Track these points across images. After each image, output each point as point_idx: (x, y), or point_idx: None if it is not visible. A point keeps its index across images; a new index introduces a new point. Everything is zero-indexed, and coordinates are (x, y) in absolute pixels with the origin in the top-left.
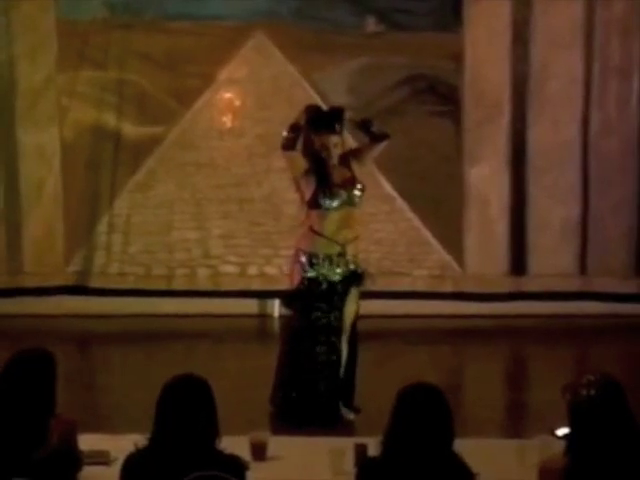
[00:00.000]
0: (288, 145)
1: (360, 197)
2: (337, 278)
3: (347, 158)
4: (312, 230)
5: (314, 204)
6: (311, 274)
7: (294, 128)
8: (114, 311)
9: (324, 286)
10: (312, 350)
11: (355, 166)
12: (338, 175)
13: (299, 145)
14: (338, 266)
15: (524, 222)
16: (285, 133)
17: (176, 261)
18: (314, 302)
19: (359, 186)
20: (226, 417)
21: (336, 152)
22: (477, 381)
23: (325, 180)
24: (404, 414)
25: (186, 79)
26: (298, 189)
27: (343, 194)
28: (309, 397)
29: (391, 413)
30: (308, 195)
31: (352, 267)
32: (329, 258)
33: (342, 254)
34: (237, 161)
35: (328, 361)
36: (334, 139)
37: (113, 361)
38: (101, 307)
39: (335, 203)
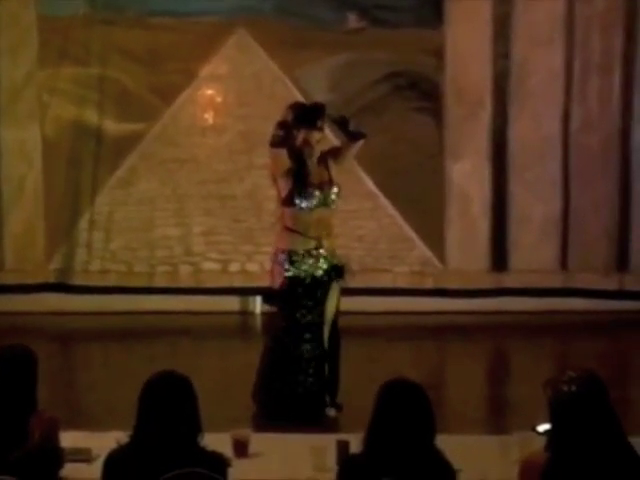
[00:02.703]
0: (277, 142)
1: (335, 200)
2: (320, 273)
3: (325, 158)
4: (287, 228)
5: (289, 203)
6: (293, 272)
7: (283, 125)
8: (95, 308)
9: (307, 281)
10: (298, 348)
11: (333, 166)
12: (316, 176)
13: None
14: (319, 260)
15: (505, 218)
16: (274, 130)
17: (158, 258)
18: (298, 301)
19: (335, 189)
20: (208, 414)
21: (318, 148)
22: (459, 377)
23: (302, 180)
24: (385, 411)
25: (167, 75)
26: (276, 186)
27: (319, 195)
28: (297, 394)
29: (372, 410)
30: (284, 193)
31: (334, 261)
32: (309, 253)
33: (319, 247)
34: (219, 158)
35: (314, 357)
36: (316, 135)
37: (94, 358)
38: (82, 304)
39: (310, 204)
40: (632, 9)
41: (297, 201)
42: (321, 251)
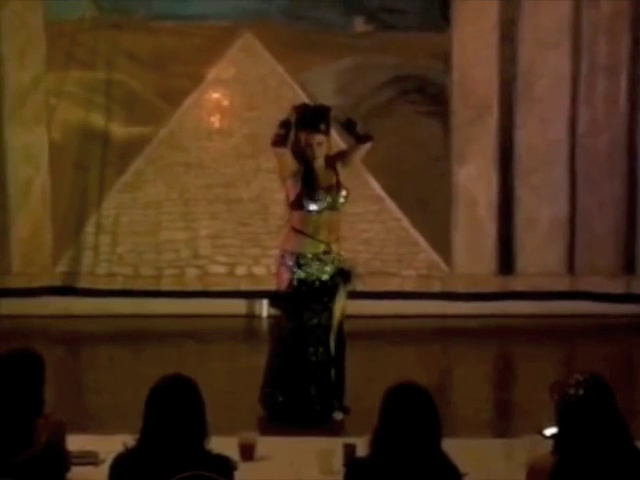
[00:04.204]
0: (278, 141)
1: (343, 203)
2: (326, 277)
3: (333, 162)
4: (296, 230)
5: (297, 205)
6: (300, 275)
7: (285, 124)
8: (102, 311)
9: (316, 285)
10: (304, 351)
11: (341, 169)
12: (324, 179)
13: (289, 142)
14: (326, 264)
15: (512, 221)
16: (275, 129)
17: (164, 261)
18: (305, 303)
19: (344, 192)
20: (214, 417)
21: (321, 151)
22: (465, 381)
23: (311, 183)
24: (391, 414)
25: (174, 79)
26: (284, 188)
27: (327, 198)
28: (302, 399)
29: (379, 413)
30: (292, 196)
31: (340, 265)
32: (317, 257)
33: (328, 252)
34: (225, 161)
35: (320, 361)
36: (318, 138)
37: (101, 361)
38: (89, 307)
39: (318, 207)
40: (638, 12)
41: (305, 203)
42: (329, 256)
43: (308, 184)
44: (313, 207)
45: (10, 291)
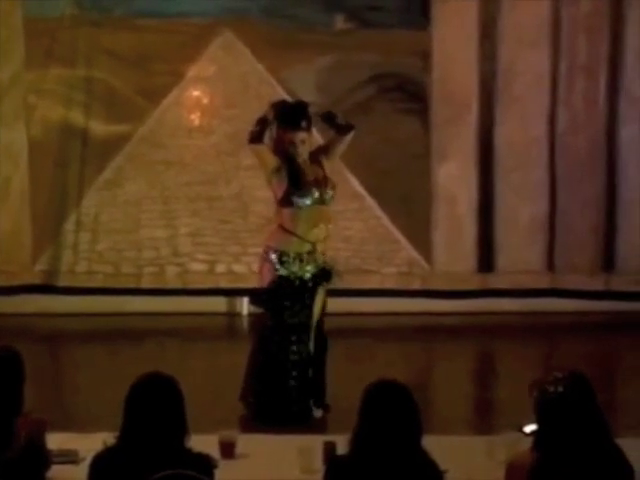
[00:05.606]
0: (254, 138)
1: (332, 196)
2: (307, 276)
3: (317, 155)
4: (283, 228)
5: (286, 202)
6: (282, 272)
7: (261, 121)
8: (82, 309)
9: (296, 284)
10: (284, 349)
11: (325, 162)
12: (310, 173)
13: (267, 139)
14: (308, 264)
15: (492, 220)
16: (252, 126)
17: (144, 259)
18: (285, 301)
19: (331, 185)
20: (195, 415)
21: (304, 148)
22: (445, 378)
23: (297, 178)
24: (371, 412)
25: (154, 77)
26: (270, 186)
27: (315, 192)
28: (281, 396)
29: (359, 411)
30: (280, 193)
31: (322, 264)
32: (299, 256)
33: (312, 252)
34: (206, 159)
35: (300, 360)
36: (301, 135)
37: (81, 360)
38: (69, 305)
39: (308, 201)
40: (617, 11)
41: (294, 199)
42: (312, 255)
43: (294, 180)
44: (302, 202)
45: None
